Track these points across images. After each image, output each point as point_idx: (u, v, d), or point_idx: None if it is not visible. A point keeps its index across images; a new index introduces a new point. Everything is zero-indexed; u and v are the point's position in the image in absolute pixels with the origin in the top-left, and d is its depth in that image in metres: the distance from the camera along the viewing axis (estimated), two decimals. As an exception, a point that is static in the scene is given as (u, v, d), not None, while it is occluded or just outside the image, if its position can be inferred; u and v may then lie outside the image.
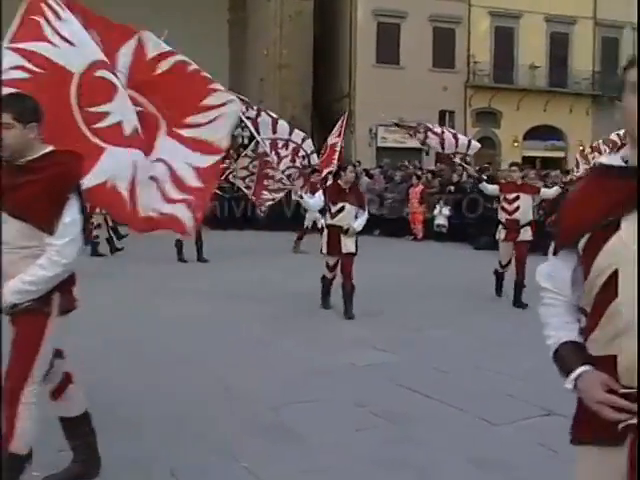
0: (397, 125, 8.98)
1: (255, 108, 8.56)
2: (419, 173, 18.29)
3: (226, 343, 6.39)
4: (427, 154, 29.23)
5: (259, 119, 8.33)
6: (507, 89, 31.19)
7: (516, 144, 31.82)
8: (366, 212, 7.73)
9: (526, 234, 8.47)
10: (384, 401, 4.89)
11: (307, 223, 12.92)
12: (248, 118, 7.92)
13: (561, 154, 33.24)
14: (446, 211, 15.99)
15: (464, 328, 7.31)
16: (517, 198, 8.44)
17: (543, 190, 9.09)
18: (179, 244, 11.52)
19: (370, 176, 18.89)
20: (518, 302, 8.39)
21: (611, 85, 33.20)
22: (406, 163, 20.88)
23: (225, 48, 35.66)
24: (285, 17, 30.63)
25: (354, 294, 7.61)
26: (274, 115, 8.76)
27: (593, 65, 32.99)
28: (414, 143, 35.29)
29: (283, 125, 8.73)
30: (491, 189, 8.90)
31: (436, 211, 16.20)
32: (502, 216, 8.59)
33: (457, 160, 9.56)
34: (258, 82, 30.79)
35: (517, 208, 8.42)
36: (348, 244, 7.54)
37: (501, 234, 8.60)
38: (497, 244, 15.59)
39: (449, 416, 4.64)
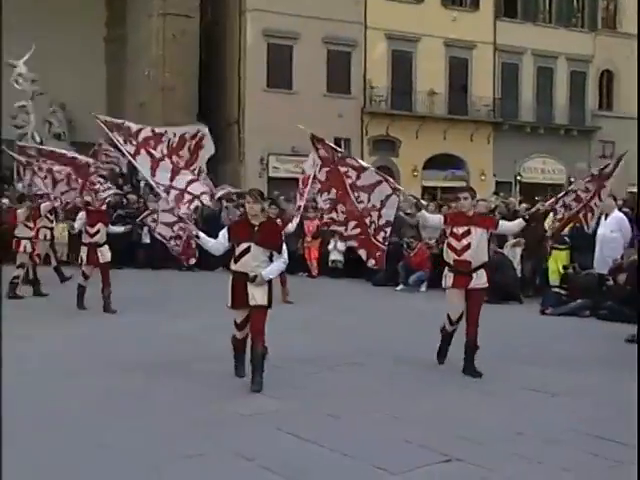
0: (313, 139, 6.92)
1: (134, 143, 7.35)
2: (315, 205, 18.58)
3: (99, 395, 6.27)
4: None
5: (137, 157, 7.32)
6: (405, 116, 32.31)
7: (415, 174, 32.91)
8: (284, 255, 6.73)
9: (480, 279, 7.25)
10: (274, 453, 4.94)
11: None
12: (127, 152, 7.25)
13: (462, 184, 34.60)
14: (341, 246, 16.31)
15: (359, 370, 7.49)
16: (468, 233, 7.20)
17: (502, 223, 7.80)
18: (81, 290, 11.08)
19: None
20: (470, 369, 7.24)
21: (512, 112, 35.12)
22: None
23: (102, 67, 35.17)
24: (168, 36, 30.61)
25: (266, 358, 6.72)
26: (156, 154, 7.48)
27: (494, 91, 34.74)
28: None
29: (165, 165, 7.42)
30: (433, 220, 7.70)
31: (330, 246, 16.49)
32: (449, 256, 7.33)
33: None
34: (138, 106, 30.48)
35: (468, 246, 7.19)
36: (256, 295, 6.55)
37: (447, 279, 7.33)
38: (395, 278, 16.03)
39: (344, 466, 4.74)
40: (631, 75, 36.69)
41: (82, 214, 11.08)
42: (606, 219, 11.85)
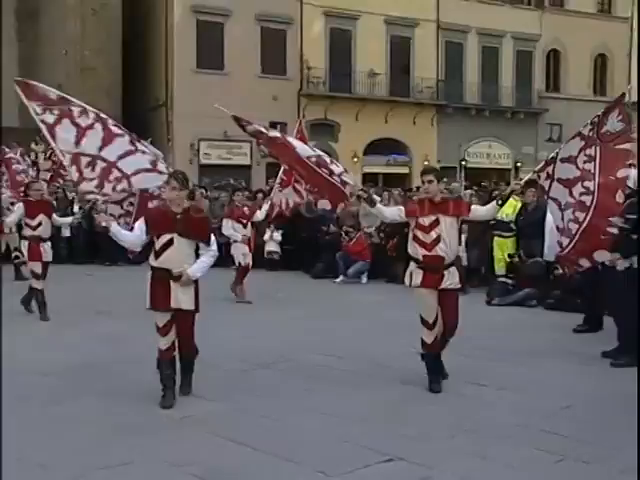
0: (236, 120, 6.59)
1: (56, 112, 6.99)
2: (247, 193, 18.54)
3: (9, 402, 6.13)
4: (258, 164, 29.67)
5: (57, 127, 6.94)
6: (345, 98, 32.46)
7: (356, 159, 33.10)
8: (213, 246, 6.27)
9: (453, 278, 6.59)
10: (206, 458, 4.92)
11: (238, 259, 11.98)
12: (43, 122, 6.83)
13: (405, 170, 34.99)
14: (278, 236, 16.30)
15: (295, 368, 7.53)
16: (436, 223, 6.51)
17: (475, 208, 6.92)
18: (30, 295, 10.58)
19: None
20: (434, 383, 6.65)
21: (456, 94, 35.59)
22: (231, 182, 21.05)
23: (13, 45, 34.20)
24: (86, 10, 30.02)
25: (195, 357, 6.44)
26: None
27: (437, 72, 35.18)
28: (242, 159, 35.83)
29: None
30: (392, 214, 6.94)
31: (266, 236, 16.47)
32: (416, 251, 6.59)
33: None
34: (56, 88, 29.72)
35: (438, 239, 6.48)
36: (181, 297, 6.09)
37: (415, 276, 6.59)
38: (334, 270, 16.08)
39: (281, 470, 4.76)
40: (578, 54, 37.64)
41: (19, 205, 10.66)
42: (554, 204, 12.12)
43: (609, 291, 8.17)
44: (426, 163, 34.65)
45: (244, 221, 12.01)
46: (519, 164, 37.41)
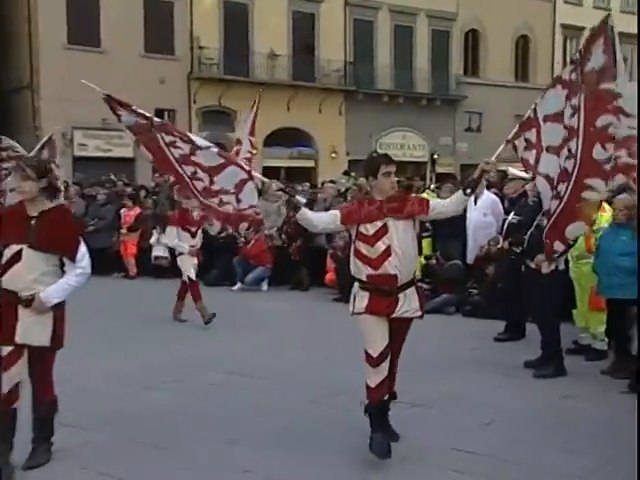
0: (109, 101, 6.15)
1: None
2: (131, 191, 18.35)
3: None
4: (142, 157, 29.20)
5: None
6: (241, 82, 32.31)
7: (255, 151, 32.97)
8: (82, 264, 5.45)
9: (411, 303, 5.71)
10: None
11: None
12: None
13: (310, 163, 35.18)
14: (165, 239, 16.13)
15: (187, 389, 7.50)
16: (384, 230, 5.59)
17: (434, 204, 5.83)
18: None
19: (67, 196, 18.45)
20: (378, 444, 5.46)
21: (366, 78, 36.01)
22: (112, 177, 20.69)
23: None
24: None
25: (54, 414, 5.62)
26: None
27: (345, 54, 35.50)
28: (124, 151, 35.05)
29: None
30: (324, 222, 5.91)
31: (153, 239, 16.28)
32: (358, 269, 5.71)
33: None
34: None
35: (387, 251, 5.55)
36: (31, 329, 5.29)
37: (359, 300, 5.71)
38: (231, 276, 16.04)
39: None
40: (499, 35, 38.66)
41: None
42: (476, 202, 12.41)
43: (533, 296, 8.43)
44: (333, 155, 35.01)
45: (193, 229, 11.33)
46: (436, 156, 38.18)
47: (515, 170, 11.39)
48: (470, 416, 6.52)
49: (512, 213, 9.79)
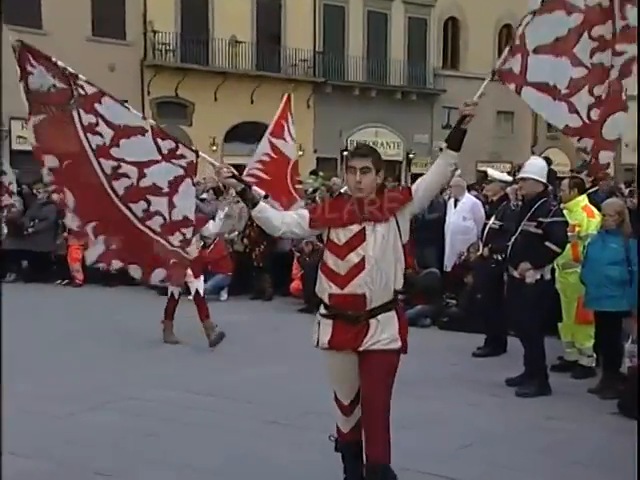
0: (22, 48, 5.45)
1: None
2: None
3: None
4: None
5: None
6: (200, 72, 32.28)
7: (214, 147, 33.01)
8: None
9: (385, 331, 4.87)
10: None
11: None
12: None
13: (275, 161, 35.09)
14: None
15: (136, 408, 7.45)
16: (360, 238, 4.87)
17: (415, 186, 5.03)
18: None
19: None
20: None
21: (336, 70, 36.06)
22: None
23: None
24: None
25: None
26: None
27: (314, 42, 35.59)
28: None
29: None
30: (284, 222, 5.08)
31: (100, 243, 16.15)
32: (322, 287, 4.99)
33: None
34: None
35: (360, 264, 4.81)
36: None
37: (321, 331, 5.01)
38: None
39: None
40: (480, 24, 38.87)
41: None
42: (456, 205, 12.46)
43: (515, 307, 8.45)
44: (300, 153, 34.83)
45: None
46: (411, 155, 38.32)
47: (495, 172, 11.46)
48: (447, 438, 6.53)
49: (493, 217, 9.83)
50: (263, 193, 5.27)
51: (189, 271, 10.11)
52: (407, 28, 38.08)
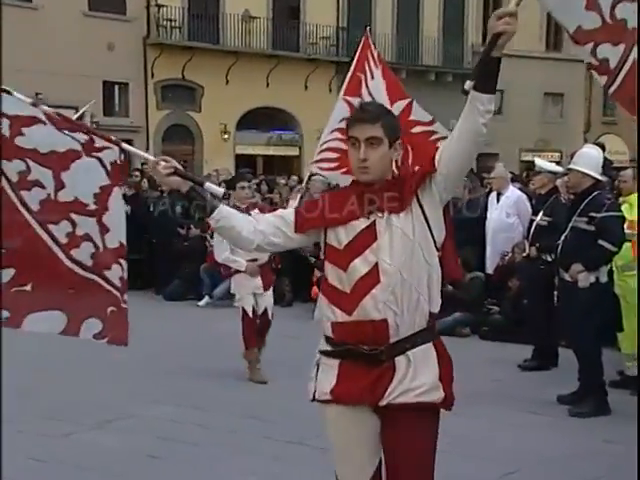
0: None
1: None
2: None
3: None
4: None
5: None
6: (210, 51, 32.27)
7: (226, 136, 33.02)
8: None
9: (421, 377, 3.85)
10: None
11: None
12: None
13: (293, 151, 35.12)
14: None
15: (138, 426, 7.41)
16: (368, 237, 3.84)
17: (442, 148, 3.89)
18: None
19: None
20: None
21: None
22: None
23: None
24: None
25: None
26: None
27: (337, 18, 35.54)
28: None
29: None
30: (263, 230, 4.02)
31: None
32: (326, 315, 3.92)
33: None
34: None
35: (374, 274, 3.77)
36: None
37: (322, 377, 3.98)
38: (197, 289, 15.87)
39: None
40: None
41: None
42: (498, 200, 12.35)
43: (567, 315, 8.36)
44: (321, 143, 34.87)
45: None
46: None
47: (543, 161, 11.36)
48: (490, 464, 6.46)
49: (541, 213, 9.74)
50: (222, 191, 4.22)
51: (259, 282, 9.46)
52: (442, 1, 37.94)
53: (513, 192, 12.50)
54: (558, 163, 14.06)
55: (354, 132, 3.79)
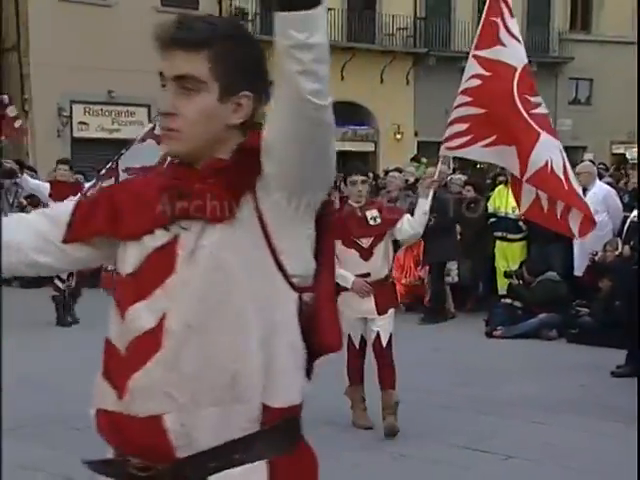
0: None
1: None
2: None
3: None
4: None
5: None
6: (281, 43, 32.37)
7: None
8: None
9: None
10: None
11: None
12: None
13: (369, 147, 35.10)
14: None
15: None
16: (164, 261, 2.33)
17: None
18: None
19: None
20: None
21: (442, 38, 35.76)
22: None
23: None
24: None
25: None
26: None
27: (415, 7, 35.43)
28: (135, 131, 35.43)
29: None
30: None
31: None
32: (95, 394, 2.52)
33: None
34: None
35: (156, 334, 2.29)
36: None
37: None
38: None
39: None
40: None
41: None
42: (585, 196, 12.19)
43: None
44: (398, 137, 34.83)
45: (365, 244, 7.66)
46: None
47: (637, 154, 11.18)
48: (574, 476, 6.38)
49: (635, 210, 9.62)
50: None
51: (372, 305, 7.56)
52: (526, -11, 37.62)
53: (601, 187, 12.32)
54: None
55: (163, 65, 2.45)
